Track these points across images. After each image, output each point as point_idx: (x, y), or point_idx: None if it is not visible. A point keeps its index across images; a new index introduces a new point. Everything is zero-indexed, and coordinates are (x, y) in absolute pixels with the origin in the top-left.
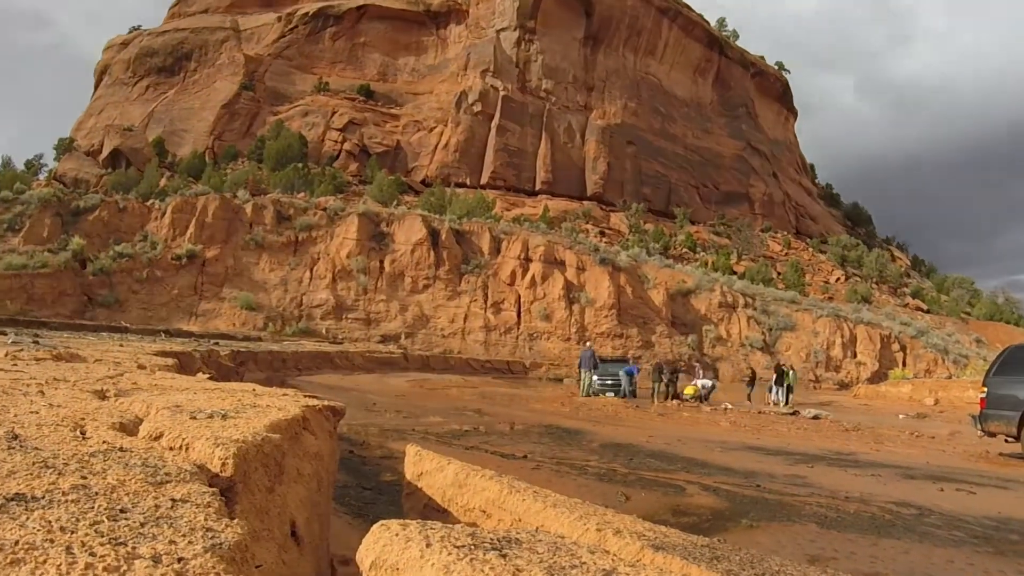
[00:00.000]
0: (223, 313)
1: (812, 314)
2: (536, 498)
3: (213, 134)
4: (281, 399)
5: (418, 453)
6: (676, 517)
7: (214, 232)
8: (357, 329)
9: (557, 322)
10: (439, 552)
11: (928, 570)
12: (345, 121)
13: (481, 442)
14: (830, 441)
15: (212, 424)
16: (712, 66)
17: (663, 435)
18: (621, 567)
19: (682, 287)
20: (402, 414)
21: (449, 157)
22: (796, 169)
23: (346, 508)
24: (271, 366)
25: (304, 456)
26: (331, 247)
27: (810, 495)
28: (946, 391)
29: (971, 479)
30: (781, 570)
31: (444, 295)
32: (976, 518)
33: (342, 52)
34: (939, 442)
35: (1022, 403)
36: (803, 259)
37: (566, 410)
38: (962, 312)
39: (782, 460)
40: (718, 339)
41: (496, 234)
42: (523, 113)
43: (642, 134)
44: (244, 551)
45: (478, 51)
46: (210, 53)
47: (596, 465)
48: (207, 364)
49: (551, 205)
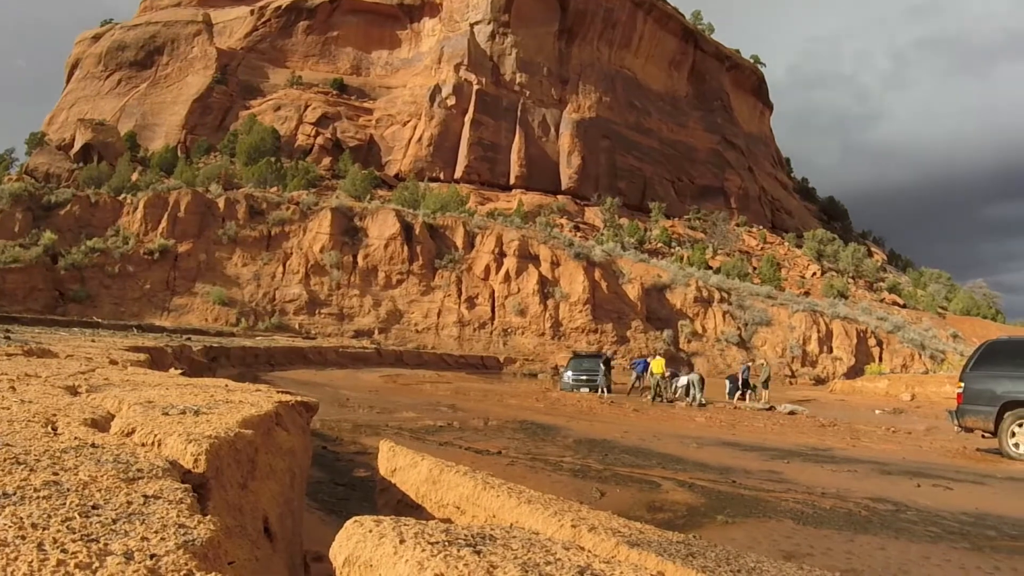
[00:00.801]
0: (196, 308)
1: (788, 309)
2: (510, 494)
3: (185, 128)
4: (254, 395)
5: (392, 449)
6: (651, 513)
7: (186, 227)
8: (330, 324)
9: (531, 317)
10: (413, 548)
11: (904, 566)
12: (318, 115)
13: (455, 438)
14: (806, 437)
15: (184, 420)
16: (687, 59)
17: (638, 431)
18: (596, 564)
19: (657, 282)
20: (375, 410)
21: (423, 151)
22: (772, 163)
23: (319, 504)
24: (244, 362)
25: (277, 452)
26: (304, 242)
27: (786, 491)
28: (923, 386)
29: (948, 475)
30: (757, 566)
31: (418, 290)
32: (953, 514)
33: (315, 46)
34: (916, 438)
35: (999, 398)
36: (779, 253)
37: (541, 406)
38: (939, 307)
39: (758, 456)
40: (693, 334)
41: (470, 229)
42: (497, 107)
43: (617, 128)
44: (217, 548)
45: (452, 45)
46: (182, 47)
47: (571, 461)
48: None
49: (525, 199)
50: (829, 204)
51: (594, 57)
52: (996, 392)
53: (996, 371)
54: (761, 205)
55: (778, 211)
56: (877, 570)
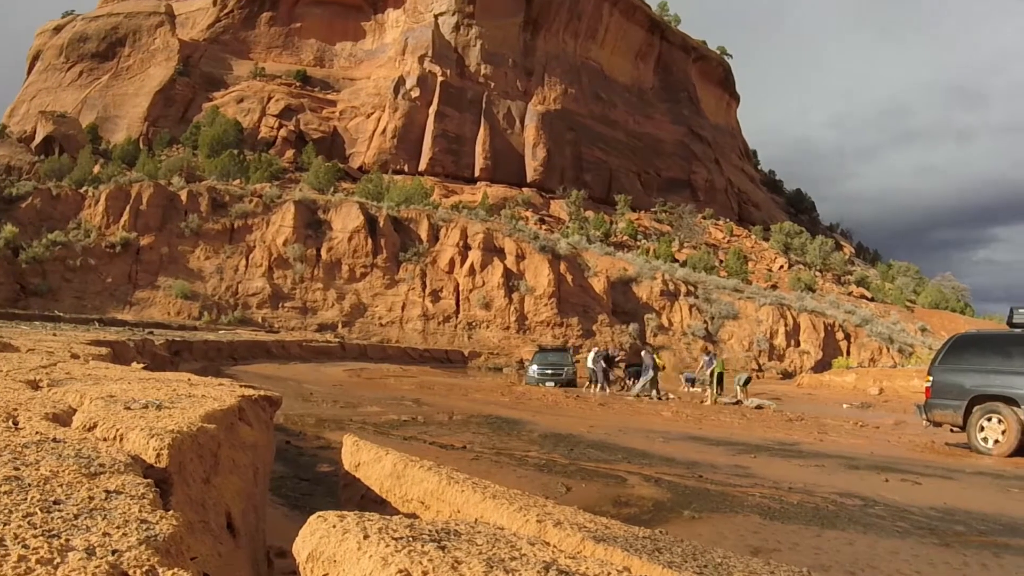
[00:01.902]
0: (158, 302)
1: (755, 302)
2: (475, 489)
3: (147, 120)
4: (216, 389)
5: (356, 443)
6: (617, 508)
7: (149, 220)
8: (294, 318)
9: (496, 310)
10: (377, 544)
11: (872, 561)
12: (281, 107)
13: (419, 432)
14: (773, 431)
15: (147, 414)
16: (653, 51)
17: (604, 425)
18: (561, 559)
19: (623, 275)
20: (339, 404)
21: (387, 143)
22: (739, 155)
23: (283, 499)
24: (206, 355)
25: (240, 447)
26: (267, 235)
27: (753, 486)
28: (891, 380)
29: (916, 469)
30: (724, 562)
31: (382, 283)
32: (921, 509)
33: (278, 37)
34: (884, 432)
35: (968, 392)
36: (746, 246)
37: (506, 400)
38: (907, 300)
39: (724, 450)
40: (660, 327)
41: (435, 221)
42: (462, 99)
43: (582, 120)
44: (179, 543)
45: (416, 36)
46: (144, 38)
47: (536, 456)
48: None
49: (490, 192)
50: (796, 197)
51: (559, 49)
52: (965, 386)
53: (965, 365)
54: (728, 197)
55: (745, 204)
56: (845, 565)
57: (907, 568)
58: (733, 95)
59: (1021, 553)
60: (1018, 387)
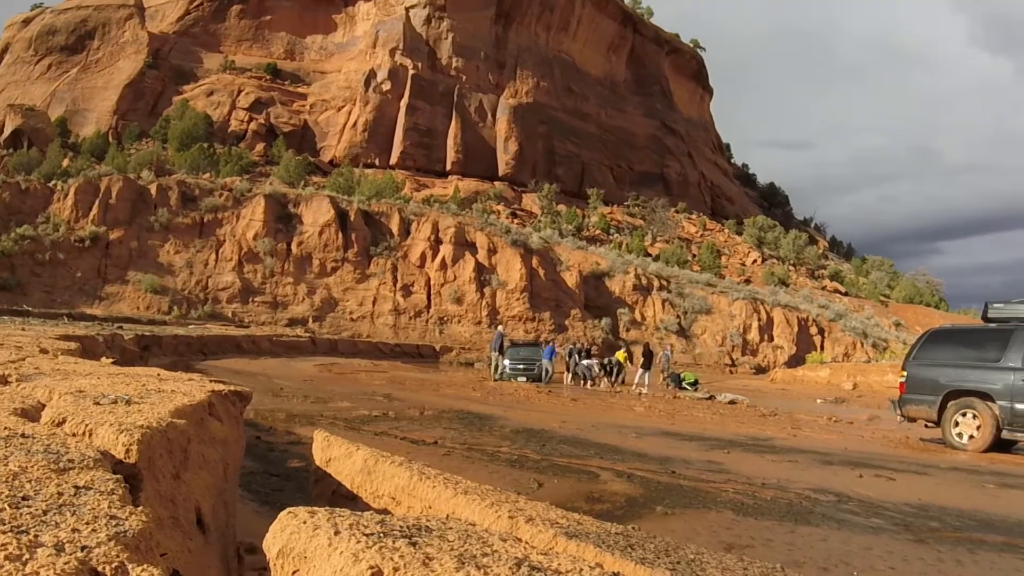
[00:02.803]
0: (127, 296)
1: (728, 297)
2: (447, 485)
3: (117, 114)
4: (186, 384)
5: (326, 439)
6: (590, 504)
7: (118, 214)
8: (264, 312)
9: (468, 305)
10: (348, 540)
11: (846, 558)
12: (251, 100)
13: (391, 427)
14: (746, 426)
15: (116, 410)
16: (626, 44)
17: (576, 420)
18: (534, 555)
19: (596, 269)
20: (310, 399)
21: (357, 137)
22: (712, 149)
23: (253, 495)
24: (176, 350)
25: (210, 442)
26: (237, 229)
27: (726, 481)
28: (865, 375)
29: (890, 465)
30: (697, 558)
31: (353, 278)
32: (895, 505)
33: (248, 30)
34: (858, 427)
35: (943, 388)
36: (719, 241)
37: (477, 395)
38: (881, 295)
39: (698, 446)
40: (633, 322)
41: (406, 216)
42: (433, 92)
43: (554, 113)
44: (148, 539)
45: (387, 29)
46: (113, 31)
47: (508, 451)
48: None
49: (462, 186)
50: (769, 190)
51: (531, 41)
52: (939, 381)
53: (939, 360)
54: (701, 191)
55: (718, 197)
56: (818, 561)
57: (881, 564)
58: (706, 88)
59: (996, 549)
60: (993, 382)
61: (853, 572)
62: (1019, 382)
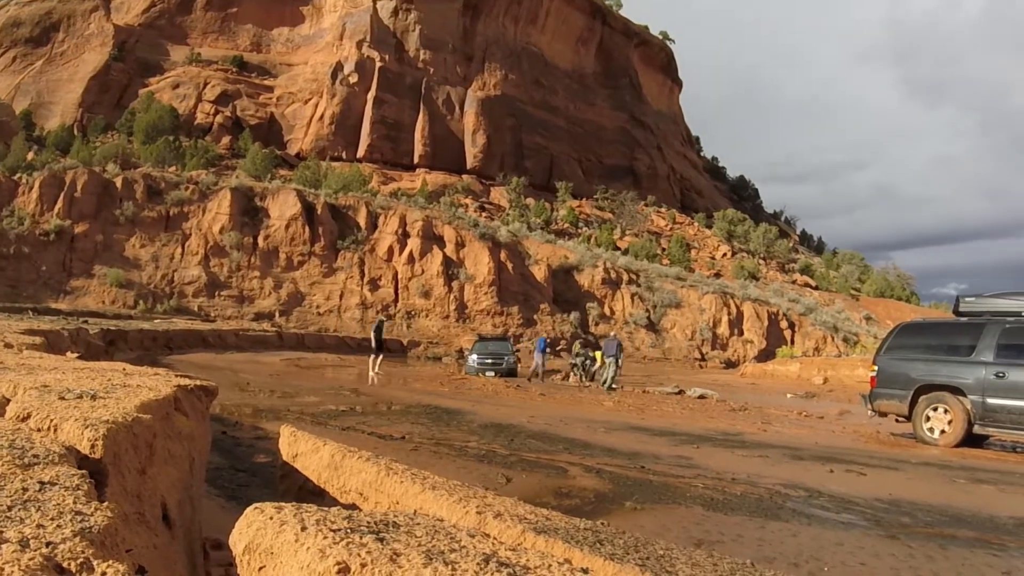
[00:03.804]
0: (93, 290)
1: (698, 291)
2: (414, 480)
3: (82, 107)
4: (152, 379)
5: (293, 434)
6: (558, 499)
7: (83, 207)
8: (230, 307)
9: (436, 299)
10: (314, 536)
11: (817, 553)
12: (217, 93)
13: (358, 422)
14: (716, 421)
15: (81, 404)
16: (595, 36)
17: (545, 415)
18: (502, 551)
19: (564, 263)
20: (276, 394)
21: (324, 130)
22: (681, 141)
23: (219, 491)
24: (142, 345)
25: (175, 437)
26: (203, 222)
27: (696, 476)
28: (835, 370)
29: (861, 460)
30: (666, 554)
31: (320, 271)
32: (866, 500)
33: (214, 22)
34: (828, 422)
35: (914, 382)
36: (688, 234)
37: (445, 390)
38: (852, 289)
39: (667, 441)
40: (602, 316)
41: (373, 209)
42: (400, 85)
43: (523, 106)
44: (114, 535)
45: (354, 21)
46: (78, 23)
47: (476, 446)
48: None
49: (429, 179)
50: (739, 183)
51: (499, 33)
52: (910, 375)
53: (910, 354)
54: (670, 184)
55: (687, 191)
56: (789, 557)
57: (852, 560)
58: (676, 81)
59: (967, 545)
60: (964, 376)
61: (824, 568)
62: (991, 377)
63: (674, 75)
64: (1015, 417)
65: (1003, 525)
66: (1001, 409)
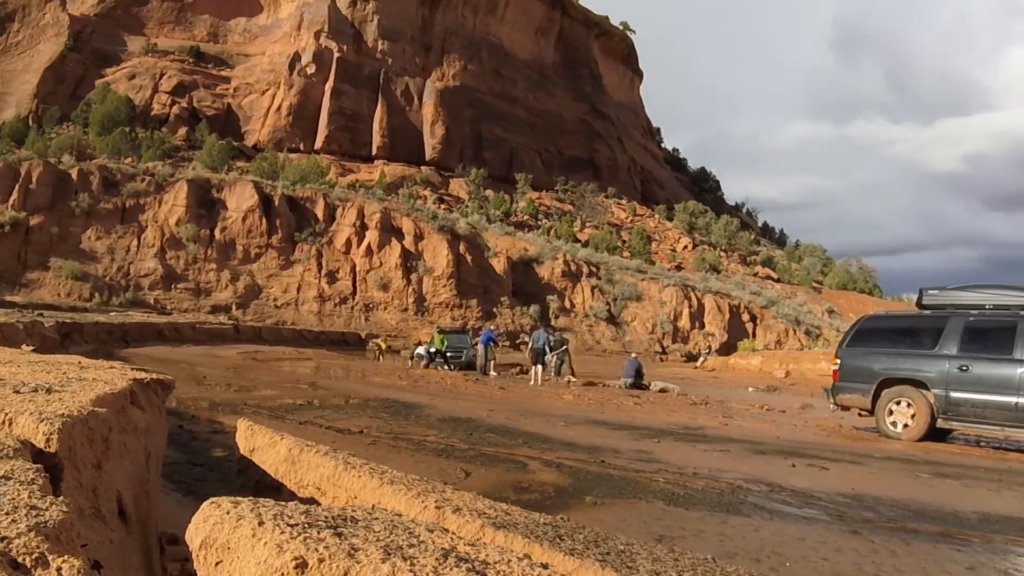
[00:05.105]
0: (48, 283)
1: (659, 283)
2: (372, 475)
3: (37, 97)
4: (108, 372)
5: (250, 428)
6: (518, 494)
7: (39, 199)
8: (187, 299)
9: (394, 292)
10: (272, 531)
11: (779, 548)
12: (174, 84)
13: (315, 416)
14: (677, 415)
15: (36, 398)
16: (554, 26)
17: (504, 409)
18: (461, 546)
19: (524, 255)
20: (233, 387)
21: (282, 121)
22: (642, 133)
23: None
24: (97, 338)
25: (131, 431)
26: (160, 214)
27: (657, 471)
28: (797, 363)
29: (824, 454)
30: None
31: (277, 264)
32: (829, 495)
33: (170, 12)
34: (790, 416)
35: (876, 375)
36: (649, 226)
37: (404, 383)
38: (814, 281)
39: (628, 435)
40: (562, 309)
41: (331, 201)
42: (359, 75)
43: (482, 97)
44: (69, 530)
45: (312, 11)
46: (33, 13)
47: (435, 440)
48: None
49: (388, 171)
50: (700, 175)
51: (458, 24)
52: (873, 369)
53: (873, 347)
54: (631, 176)
55: (648, 182)
56: (751, 552)
57: (814, 555)
58: (636, 72)
59: (931, 540)
60: (927, 370)
61: (786, 563)
62: (954, 370)
63: (635, 65)
64: (979, 411)
65: (967, 520)
66: (965, 403)
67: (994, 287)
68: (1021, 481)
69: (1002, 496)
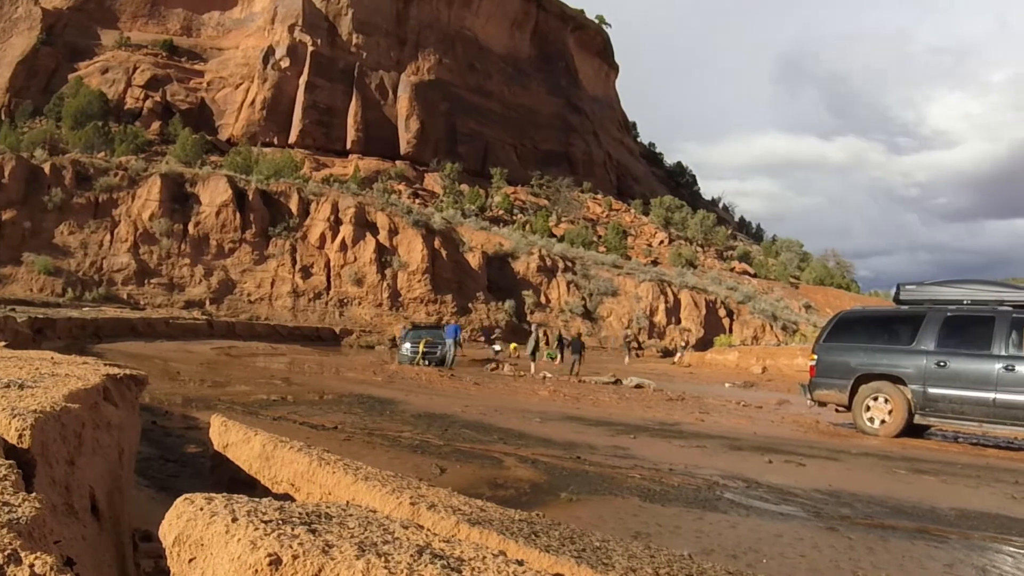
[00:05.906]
0: (20, 278)
1: (635, 278)
2: (347, 471)
3: (9, 91)
4: (80, 368)
5: (224, 424)
6: (493, 490)
7: (11, 194)
8: (160, 295)
9: (369, 287)
10: (246, 527)
11: (755, 545)
12: (147, 78)
13: (290, 412)
14: (653, 411)
15: (8, 394)
16: (530, 20)
17: (479, 405)
18: (436, 543)
19: (499, 250)
20: (207, 383)
21: (256, 115)
22: (618, 127)
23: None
24: (70, 333)
25: (104, 427)
26: (133, 209)
27: (633, 467)
28: (774, 359)
29: (800, 450)
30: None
31: (251, 259)
32: (806, 491)
33: (144, 6)
34: (767, 412)
35: (853, 371)
36: (625, 221)
37: (378, 379)
38: (791, 276)
39: (603, 431)
40: (538, 304)
41: (305, 196)
42: (333, 69)
43: (457, 91)
44: (42, 526)
45: (286, 4)
46: (6, 6)
47: (410, 436)
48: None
49: (362, 165)
50: (677, 170)
51: (433, 17)
52: (850, 365)
53: (850, 343)
54: (606, 171)
55: (624, 177)
56: (727, 549)
57: (791, 552)
58: (612, 65)
59: (908, 536)
60: (905, 366)
61: (762, 560)
62: (932, 366)
63: (610, 60)
64: (956, 407)
65: (944, 516)
66: (942, 399)
67: (972, 282)
68: (999, 477)
69: (980, 492)
